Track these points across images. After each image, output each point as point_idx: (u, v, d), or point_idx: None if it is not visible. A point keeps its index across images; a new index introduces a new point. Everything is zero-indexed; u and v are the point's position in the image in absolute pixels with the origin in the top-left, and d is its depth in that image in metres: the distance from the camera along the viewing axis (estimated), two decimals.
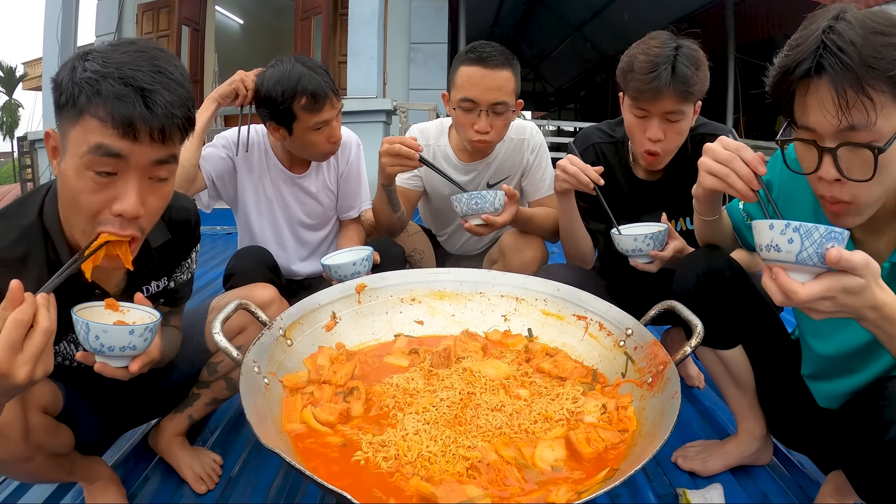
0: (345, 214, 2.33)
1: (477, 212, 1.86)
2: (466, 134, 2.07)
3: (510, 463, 1.14)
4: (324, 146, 2.03)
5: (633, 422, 1.26)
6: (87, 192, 1.07)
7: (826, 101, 1.00)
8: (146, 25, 9.92)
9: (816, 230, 0.91)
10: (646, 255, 1.64)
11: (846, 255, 0.91)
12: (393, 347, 1.59)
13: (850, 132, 0.99)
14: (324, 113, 1.95)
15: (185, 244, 1.46)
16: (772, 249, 0.96)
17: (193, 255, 1.52)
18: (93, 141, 1.03)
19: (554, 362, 1.49)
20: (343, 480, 1.09)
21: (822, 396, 1.42)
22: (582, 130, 2.10)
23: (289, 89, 1.90)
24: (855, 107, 0.97)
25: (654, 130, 1.68)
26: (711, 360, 1.57)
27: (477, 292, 1.71)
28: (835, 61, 0.97)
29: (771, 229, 0.95)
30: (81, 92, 1.02)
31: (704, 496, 1.53)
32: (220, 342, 1.26)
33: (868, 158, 1.00)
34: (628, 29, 2.61)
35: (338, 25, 9.12)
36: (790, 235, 0.93)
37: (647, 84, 1.62)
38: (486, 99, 1.99)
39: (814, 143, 1.04)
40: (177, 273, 1.48)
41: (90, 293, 1.25)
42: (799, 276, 0.95)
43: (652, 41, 1.67)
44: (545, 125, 9.50)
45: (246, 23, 12.26)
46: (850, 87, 0.96)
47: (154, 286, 1.40)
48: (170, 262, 1.43)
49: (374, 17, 6.80)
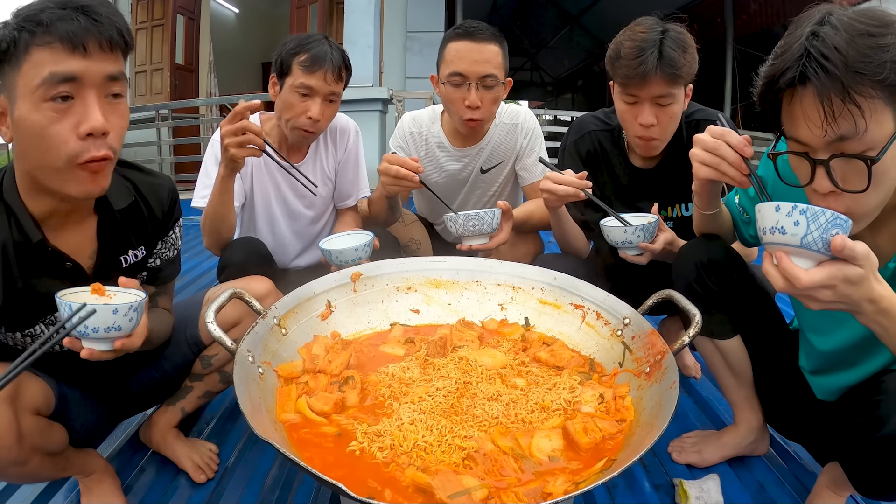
0: (342, 203, 2.29)
1: (474, 233, 1.82)
2: (457, 111, 2.06)
3: (507, 453, 1.13)
4: (300, 116, 1.96)
5: (630, 412, 1.25)
6: (50, 125, 1.06)
7: (811, 112, 0.96)
8: (141, 14, 9.82)
9: (823, 214, 0.90)
10: (636, 246, 1.63)
11: (850, 244, 0.89)
12: (389, 336, 1.58)
13: (841, 143, 0.96)
14: (313, 78, 1.92)
15: (163, 218, 1.43)
16: (776, 232, 0.93)
17: (177, 231, 1.50)
18: (45, 72, 1.03)
19: (551, 351, 1.48)
20: (338, 471, 1.08)
21: (820, 390, 1.41)
22: (577, 119, 2.08)
23: (297, 44, 1.95)
24: (842, 116, 0.93)
25: (645, 116, 1.67)
26: (709, 350, 1.57)
27: (473, 281, 1.70)
28: (818, 69, 0.93)
29: (777, 211, 0.93)
30: (23, 30, 1.03)
31: (701, 487, 1.53)
32: (214, 331, 1.24)
33: (863, 168, 0.97)
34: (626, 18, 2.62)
35: (334, 14, 9.06)
36: (796, 218, 0.91)
37: (634, 69, 1.61)
38: (474, 71, 1.99)
39: (806, 155, 1.01)
40: (160, 249, 1.46)
41: (61, 265, 1.24)
42: (802, 262, 0.93)
43: (638, 27, 1.66)
44: (542, 115, 9.45)
45: (241, 11, 12.16)
46: (836, 95, 0.93)
47: (132, 256, 1.38)
48: (144, 232, 1.40)
49: (371, 5, 6.76)
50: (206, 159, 2.07)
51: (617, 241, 1.64)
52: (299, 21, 9.06)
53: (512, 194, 2.41)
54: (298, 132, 2.01)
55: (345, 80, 2.02)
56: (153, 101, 9.43)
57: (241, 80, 11.41)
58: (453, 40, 2.02)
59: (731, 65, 10.94)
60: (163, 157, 8.30)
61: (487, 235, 1.85)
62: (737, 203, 1.49)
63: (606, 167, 1.93)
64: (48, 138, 1.07)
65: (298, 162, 2.15)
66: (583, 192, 1.69)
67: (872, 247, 1.14)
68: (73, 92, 1.06)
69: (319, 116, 1.97)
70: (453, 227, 1.84)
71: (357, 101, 6.64)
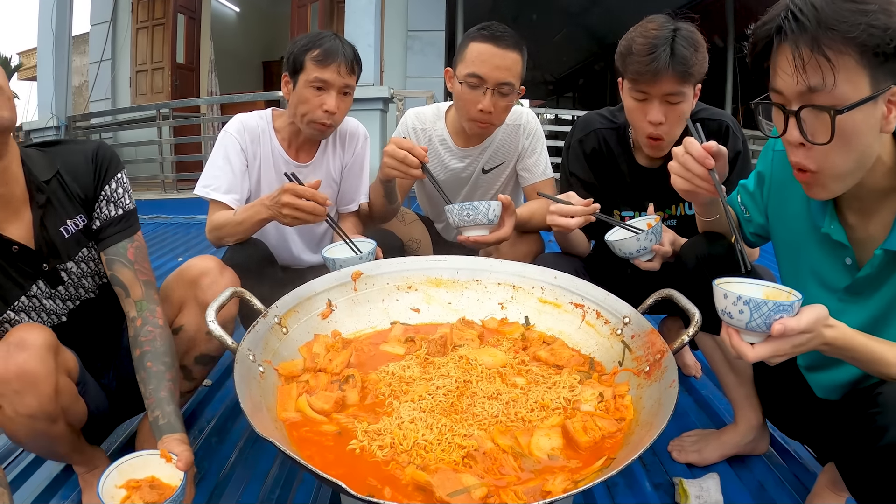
0: (344, 207, 2.28)
1: (469, 223, 1.82)
2: (468, 111, 2.05)
3: (506, 451, 1.13)
4: (315, 110, 1.97)
5: (629, 410, 1.26)
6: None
7: (784, 62, 1.02)
8: (141, 13, 9.83)
9: (765, 304, 1.01)
10: (649, 251, 1.63)
11: (791, 327, 1.00)
12: (389, 335, 1.58)
13: (811, 94, 1.01)
14: (327, 72, 1.93)
15: (94, 179, 1.45)
16: (725, 315, 1.07)
17: (116, 188, 1.48)
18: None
19: (551, 350, 1.48)
20: (338, 469, 1.09)
21: (819, 387, 1.41)
22: (582, 116, 2.08)
23: (309, 41, 1.96)
24: (810, 65, 0.98)
25: (654, 113, 1.67)
26: (710, 347, 1.57)
27: (474, 280, 1.70)
28: (792, 22, 0.99)
29: (725, 298, 1.05)
30: None
31: (701, 485, 1.53)
32: (215, 330, 1.25)
33: (829, 122, 1.00)
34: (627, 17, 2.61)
35: (335, 13, 9.06)
36: (741, 307, 1.03)
37: (646, 66, 1.60)
38: (493, 77, 1.98)
39: (780, 106, 1.06)
40: (100, 210, 1.46)
41: (9, 251, 1.33)
42: (750, 338, 1.06)
43: (650, 24, 1.66)
44: (543, 113, 9.44)
45: (242, 10, 12.15)
46: (805, 46, 0.98)
47: (71, 225, 1.42)
48: (77, 199, 1.43)
49: (371, 4, 6.74)
50: (215, 153, 2.06)
51: (631, 251, 1.63)
52: (300, 20, 9.05)
53: (513, 195, 2.40)
54: (315, 126, 2.01)
55: (357, 74, 2.02)
56: (154, 100, 9.44)
57: (242, 80, 11.40)
58: (477, 41, 2.00)
59: (732, 64, 10.92)
60: (164, 155, 8.31)
61: (486, 227, 1.84)
62: (739, 202, 1.49)
63: (611, 165, 1.93)
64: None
65: (306, 162, 2.15)
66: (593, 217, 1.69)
67: (863, 232, 1.15)
68: None
69: (335, 109, 1.98)
70: (450, 218, 1.85)
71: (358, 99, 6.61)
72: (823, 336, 1.03)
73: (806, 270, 1.30)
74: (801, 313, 1.01)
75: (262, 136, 2.10)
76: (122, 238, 1.48)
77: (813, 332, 1.01)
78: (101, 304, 1.53)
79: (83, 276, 1.47)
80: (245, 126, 2.08)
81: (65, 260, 1.42)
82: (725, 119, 1.85)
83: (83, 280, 1.48)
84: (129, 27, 9.88)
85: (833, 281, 1.24)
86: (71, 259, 1.44)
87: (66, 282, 1.44)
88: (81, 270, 1.47)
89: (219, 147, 2.06)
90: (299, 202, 1.67)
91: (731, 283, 1.12)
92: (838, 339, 1.05)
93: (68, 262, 1.43)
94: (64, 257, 1.42)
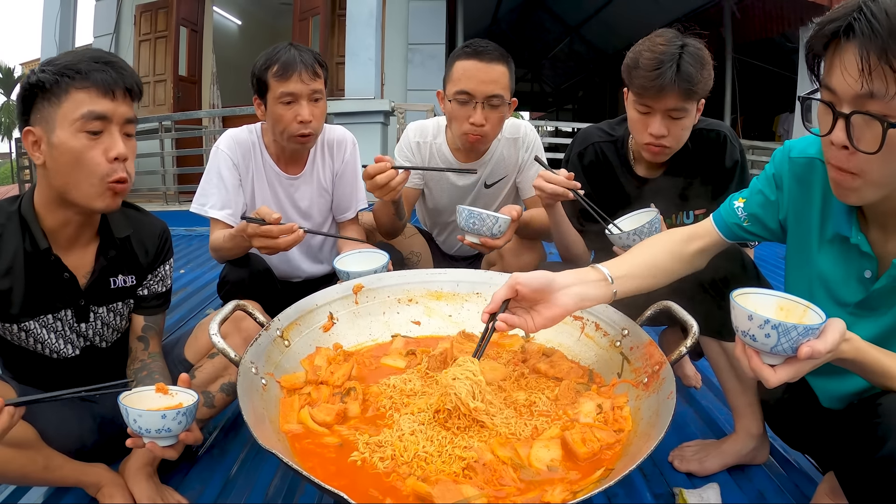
0: (341, 216, 2.30)
1: (473, 232, 1.85)
2: (461, 127, 2.08)
3: (506, 463, 1.14)
4: (291, 123, 1.99)
5: (628, 422, 1.26)
6: (85, 150, 1.34)
7: (849, 64, 1.00)
8: (144, 26, 9.91)
9: (794, 329, 0.97)
10: None
11: (819, 349, 0.98)
12: (390, 348, 1.59)
13: (868, 100, 0.99)
14: (291, 83, 1.95)
15: (155, 255, 1.65)
16: (748, 337, 1.01)
17: (167, 269, 1.70)
18: (83, 109, 1.32)
19: (550, 363, 1.49)
20: (340, 480, 1.10)
21: (824, 395, 1.41)
22: (582, 130, 2.10)
23: (267, 58, 1.99)
24: (876, 73, 0.97)
25: (656, 127, 1.69)
26: (715, 352, 1.57)
27: (474, 293, 1.71)
28: (865, 25, 0.97)
29: (750, 320, 0.99)
30: (63, 75, 1.31)
31: (701, 496, 1.54)
32: (218, 343, 1.26)
33: (879, 132, 0.99)
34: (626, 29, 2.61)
35: (336, 26, 9.12)
36: (768, 331, 0.98)
37: (651, 81, 1.63)
38: (481, 91, 2.01)
39: (831, 105, 1.04)
40: (149, 281, 1.65)
41: (60, 275, 1.46)
42: (770, 360, 1.02)
43: (658, 38, 1.68)
44: (543, 126, 9.47)
45: (244, 23, 12.24)
46: (875, 52, 0.96)
47: (121, 280, 1.59)
48: (136, 263, 1.61)
49: (372, 17, 6.81)
50: (208, 170, 2.10)
51: (632, 245, 1.64)
52: (301, 33, 9.11)
53: None
54: (296, 139, 2.03)
55: (322, 77, 2.03)
56: (156, 112, 9.50)
57: (244, 92, 11.38)
58: (461, 59, 2.03)
59: (731, 74, 10.97)
60: (165, 168, 8.35)
61: (487, 238, 1.87)
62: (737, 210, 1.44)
63: (610, 177, 1.95)
64: (85, 160, 1.34)
65: (297, 174, 2.17)
66: (571, 193, 1.73)
67: (882, 248, 1.16)
68: (102, 127, 1.35)
69: (310, 117, 2.00)
70: (459, 219, 1.88)
71: (358, 113, 6.67)
72: (840, 351, 1.03)
73: (815, 280, 1.29)
74: (824, 332, 1.00)
75: (253, 150, 2.13)
76: (159, 311, 1.70)
77: (831, 354, 1.01)
78: (111, 354, 1.65)
79: (106, 324, 1.61)
80: (236, 141, 2.11)
81: (100, 304, 1.57)
82: (723, 129, 1.87)
83: (105, 327, 1.61)
84: (131, 39, 9.96)
85: (844, 293, 1.24)
86: (105, 305, 1.58)
87: (90, 321, 1.57)
88: (107, 318, 1.60)
89: (211, 164, 2.09)
90: (273, 242, 1.73)
91: (747, 295, 1.08)
92: (852, 353, 1.05)
93: (102, 307, 1.58)
94: (101, 301, 1.57)
